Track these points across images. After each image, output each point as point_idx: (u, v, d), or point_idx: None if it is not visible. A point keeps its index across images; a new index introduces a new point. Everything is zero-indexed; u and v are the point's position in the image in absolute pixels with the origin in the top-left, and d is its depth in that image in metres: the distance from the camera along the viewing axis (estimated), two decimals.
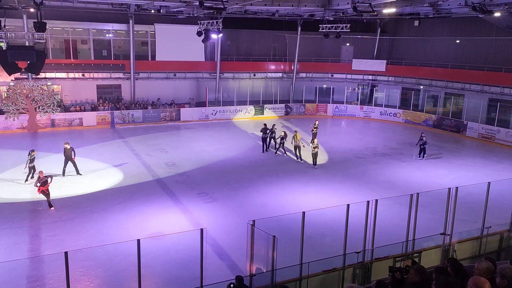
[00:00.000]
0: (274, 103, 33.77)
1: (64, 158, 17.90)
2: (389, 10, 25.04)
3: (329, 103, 34.56)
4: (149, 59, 31.75)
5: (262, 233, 8.81)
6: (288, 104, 34.34)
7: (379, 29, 35.52)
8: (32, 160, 17.14)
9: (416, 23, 33.06)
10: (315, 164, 20.16)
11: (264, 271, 9.04)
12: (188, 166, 20.05)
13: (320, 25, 28.86)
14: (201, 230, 8.18)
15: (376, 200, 9.92)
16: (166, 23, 30.65)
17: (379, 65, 34.92)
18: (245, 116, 32.46)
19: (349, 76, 35.87)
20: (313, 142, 19.95)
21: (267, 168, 20.14)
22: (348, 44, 37.39)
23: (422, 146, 21.83)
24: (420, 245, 10.59)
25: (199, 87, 33.69)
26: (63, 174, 17.84)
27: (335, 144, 25.28)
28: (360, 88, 36.36)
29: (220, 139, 25.82)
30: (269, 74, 35.83)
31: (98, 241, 12.30)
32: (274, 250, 8.42)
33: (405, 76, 33.80)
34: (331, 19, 28.36)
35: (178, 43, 31.19)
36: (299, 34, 33.98)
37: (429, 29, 33.40)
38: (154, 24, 30.81)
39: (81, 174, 18.06)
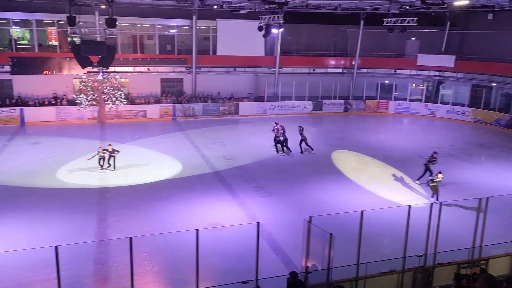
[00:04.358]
0: (333, 99, 33.20)
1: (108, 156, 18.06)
2: (460, 2, 23.57)
3: (391, 99, 33.33)
4: (211, 53, 32.44)
5: (319, 230, 8.71)
6: (348, 100, 33.60)
7: (448, 23, 33.54)
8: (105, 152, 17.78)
9: (490, 16, 30.84)
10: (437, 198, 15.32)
11: (320, 268, 8.94)
12: (245, 159, 20.29)
13: (384, 19, 27.84)
14: (258, 224, 8.26)
15: (441, 203, 9.46)
16: (227, 18, 31.14)
17: (447, 60, 33.02)
18: (303, 111, 32.23)
19: (413, 72, 34.30)
20: (437, 175, 15.47)
21: (324, 165, 19.87)
22: (413, 39, 35.73)
23: None
24: (488, 252, 9.95)
25: (258, 81, 33.91)
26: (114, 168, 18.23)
27: (396, 142, 24.39)
28: (425, 84, 34.67)
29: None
30: (329, 69, 35.21)
31: (159, 228, 12.83)
32: (331, 248, 8.30)
33: (476, 72, 31.70)
34: (397, 12, 27.25)
35: (238, 38, 31.55)
36: (361, 28, 33.03)
37: (505, 23, 30.94)
38: (216, 19, 31.39)
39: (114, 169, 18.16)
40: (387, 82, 34.85)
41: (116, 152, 17.87)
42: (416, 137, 26.07)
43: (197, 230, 7.77)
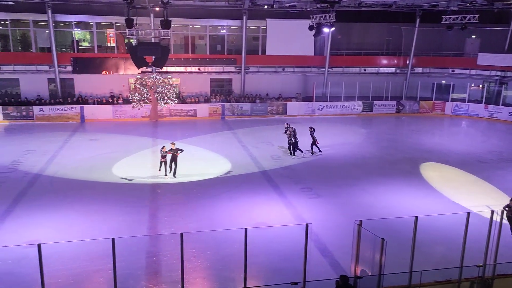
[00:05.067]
0: (385, 100, 32.23)
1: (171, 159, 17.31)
2: None
3: (448, 101, 31.83)
4: (260, 53, 32.57)
5: (369, 234, 8.46)
6: (400, 101, 32.47)
7: None
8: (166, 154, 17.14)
9: None
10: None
11: (369, 274, 8.69)
12: (293, 160, 20.17)
13: (443, 16, 26.61)
14: (306, 225, 8.16)
15: (502, 210, 8.88)
16: (277, 18, 31.12)
17: (511, 59, 30.99)
18: (353, 112, 31.55)
19: (473, 71, 32.54)
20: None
21: (375, 167, 19.31)
22: (474, 37, 33.90)
23: None
24: None
25: (306, 81, 33.62)
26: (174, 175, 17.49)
27: (452, 145, 23.23)
28: (485, 85, 32.75)
29: (325, 134, 25.39)
30: (381, 69, 34.24)
31: (207, 226, 13.03)
32: (383, 253, 8.03)
33: None
34: (456, 9, 25.94)
35: (288, 37, 31.44)
36: (417, 26, 31.82)
37: None
38: (266, 19, 31.48)
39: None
40: (443, 82, 33.31)
41: (179, 152, 17.10)
42: (474, 141, 24.70)
43: (246, 229, 7.80)
